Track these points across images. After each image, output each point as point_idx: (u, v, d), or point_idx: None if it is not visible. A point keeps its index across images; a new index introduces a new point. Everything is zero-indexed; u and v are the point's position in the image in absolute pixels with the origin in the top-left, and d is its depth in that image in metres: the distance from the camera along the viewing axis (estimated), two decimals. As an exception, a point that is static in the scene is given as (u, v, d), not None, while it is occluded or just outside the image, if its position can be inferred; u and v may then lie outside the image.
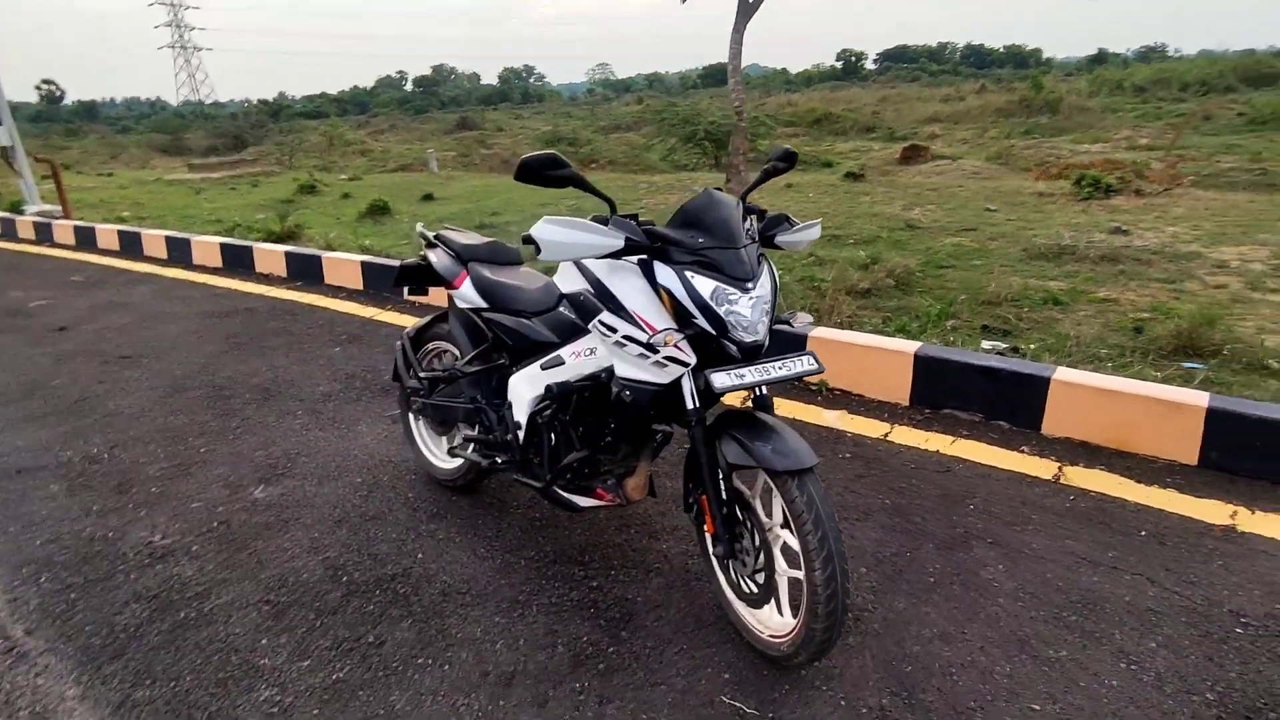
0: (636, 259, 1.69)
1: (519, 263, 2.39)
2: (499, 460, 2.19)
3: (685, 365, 1.68)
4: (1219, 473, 2.48)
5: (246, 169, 17.34)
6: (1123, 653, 1.76)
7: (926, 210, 7.21)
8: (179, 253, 6.56)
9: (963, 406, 2.96)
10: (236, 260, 6.14)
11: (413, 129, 31.14)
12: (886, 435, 2.85)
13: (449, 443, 2.57)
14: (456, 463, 2.52)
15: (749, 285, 1.61)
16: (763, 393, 1.78)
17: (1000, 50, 76.00)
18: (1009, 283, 4.34)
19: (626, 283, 1.70)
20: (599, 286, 1.75)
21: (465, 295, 2.25)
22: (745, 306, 1.60)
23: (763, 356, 1.65)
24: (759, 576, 1.72)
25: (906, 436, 2.83)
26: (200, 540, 2.35)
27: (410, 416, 2.69)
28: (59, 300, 5.41)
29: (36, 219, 8.24)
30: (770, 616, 1.76)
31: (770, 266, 1.72)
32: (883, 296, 4.30)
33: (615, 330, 1.70)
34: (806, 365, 1.66)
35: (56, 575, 2.20)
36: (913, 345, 3.10)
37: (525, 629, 1.91)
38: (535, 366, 2.02)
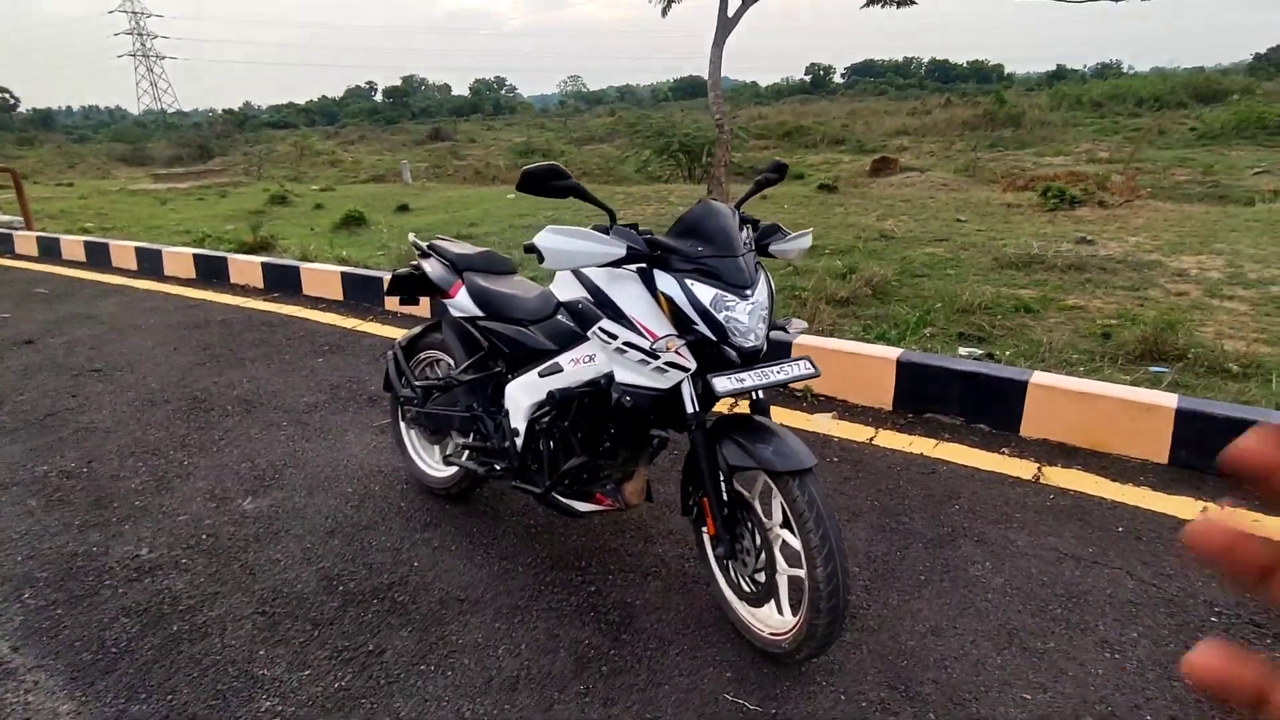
0: (635, 267, 1.73)
1: (513, 272, 2.42)
2: (496, 467, 2.20)
3: (686, 370, 1.72)
4: (1188, 470, 2.58)
5: (214, 179, 17.08)
6: (1106, 643, 1.83)
7: (899, 221, 7.37)
8: (150, 264, 6.43)
9: (944, 410, 3.04)
10: (211, 272, 6.04)
11: (383, 139, 30.94)
12: (872, 439, 2.92)
13: (442, 451, 2.58)
14: (450, 471, 2.52)
15: (748, 292, 1.66)
16: (759, 397, 1.83)
17: (964, 65, 77.87)
18: (982, 291, 4.45)
19: (626, 290, 1.74)
20: (598, 294, 1.78)
21: (460, 304, 2.26)
22: (744, 313, 1.65)
23: (760, 361, 1.70)
24: (759, 575, 1.76)
25: (891, 440, 2.90)
26: (188, 553, 2.31)
27: (402, 426, 2.68)
28: (23, 313, 5.26)
29: (-4, 230, 8.02)
30: (770, 615, 1.80)
31: (767, 274, 1.77)
32: (861, 305, 4.39)
33: (616, 337, 1.73)
34: (803, 369, 1.71)
35: (39, 591, 2.15)
36: (895, 351, 3.17)
37: (526, 634, 1.92)
38: (533, 374, 2.04)
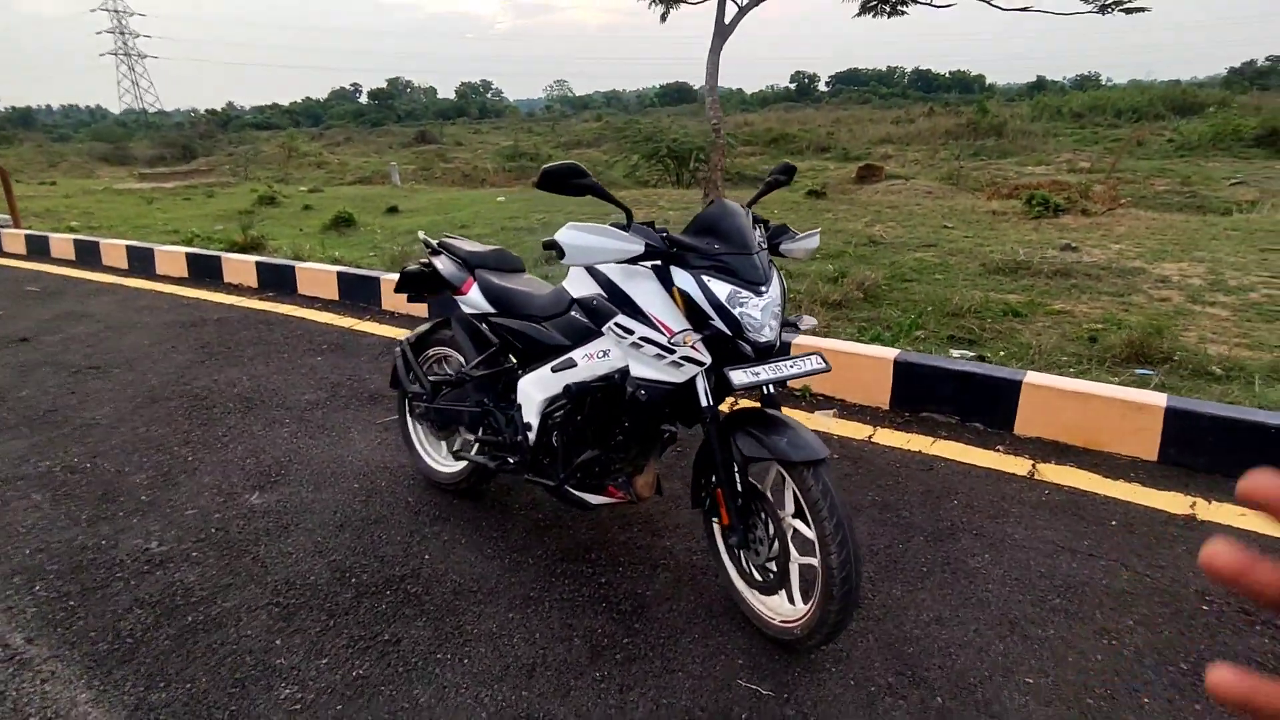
0: (650, 264, 1.78)
1: (523, 270, 2.46)
2: (509, 461, 2.23)
3: (701, 365, 1.76)
4: (1177, 467, 2.67)
5: (201, 179, 16.94)
6: (1104, 630, 1.89)
7: (888, 227, 7.48)
8: (141, 263, 6.39)
9: (940, 409, 3.11)
10: (204, 270, 6.01)
11: (369, 141, 30.81)
12: (870, 437, 2.98)
13: (450, 447, 2.61)
14: (458, 466, 2.55)
15: (762, 289, 1.71)
16: (771, 391, 1.88)
17: (946, 76, 79.00)
18: (971, 295, 4.55)
19: (642, 286, 1.78)
20: (613, 290, 1.82)
21: (473, 301, 2.30)
22: (759, 308, 1.70)
23: (773, 356, 1.75)
24: (772, 564, 1.81)
25: (889, 438, 2.97)
26: (199, 546, 2.33)
27: (409, 421, 2.71)
28: (15, 310, 5.22)
29: (-18, 227, 7.92)
30: (781, 603, 1.85)
31: (779, 272, 1.82)
32: (854, 308, 4.47)
33: (632, 332, 1.78)
34: (815, 364, 1.77)
35: (50, 584, 2.15)
36: (892, 352, 3.25)
37: (540, 623, 1.95)
38: (545, 369, 2.08)
